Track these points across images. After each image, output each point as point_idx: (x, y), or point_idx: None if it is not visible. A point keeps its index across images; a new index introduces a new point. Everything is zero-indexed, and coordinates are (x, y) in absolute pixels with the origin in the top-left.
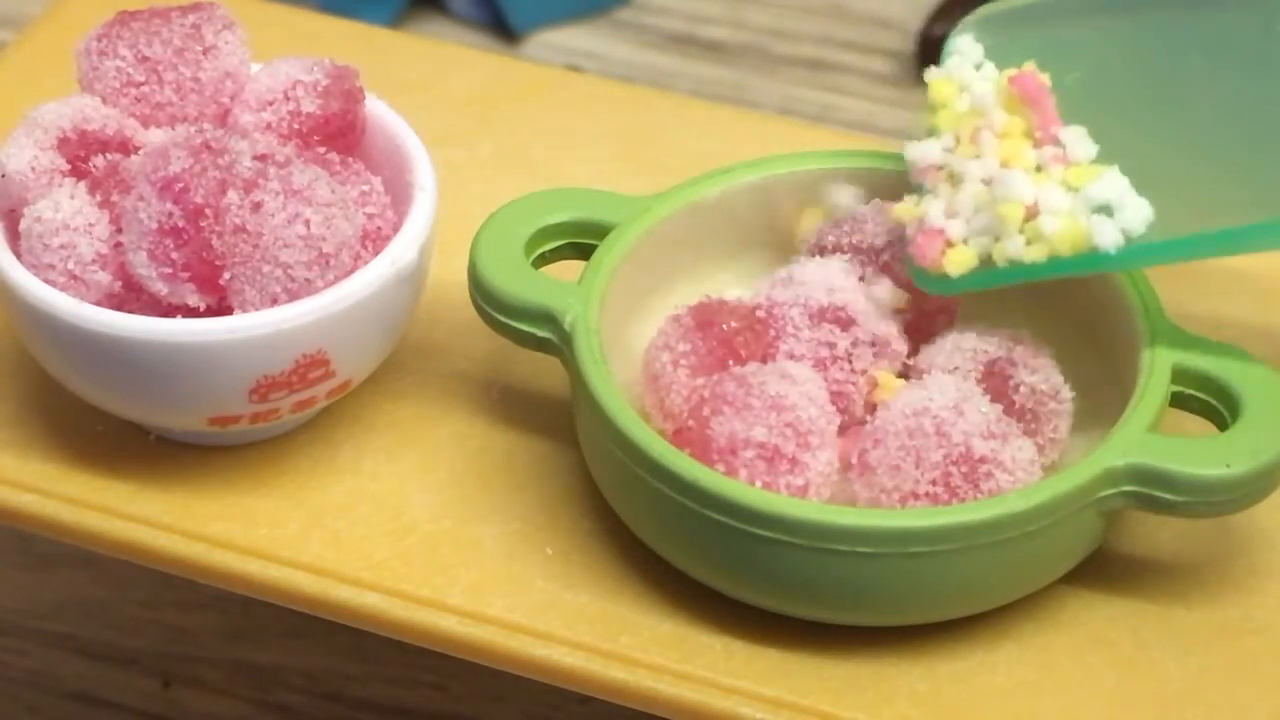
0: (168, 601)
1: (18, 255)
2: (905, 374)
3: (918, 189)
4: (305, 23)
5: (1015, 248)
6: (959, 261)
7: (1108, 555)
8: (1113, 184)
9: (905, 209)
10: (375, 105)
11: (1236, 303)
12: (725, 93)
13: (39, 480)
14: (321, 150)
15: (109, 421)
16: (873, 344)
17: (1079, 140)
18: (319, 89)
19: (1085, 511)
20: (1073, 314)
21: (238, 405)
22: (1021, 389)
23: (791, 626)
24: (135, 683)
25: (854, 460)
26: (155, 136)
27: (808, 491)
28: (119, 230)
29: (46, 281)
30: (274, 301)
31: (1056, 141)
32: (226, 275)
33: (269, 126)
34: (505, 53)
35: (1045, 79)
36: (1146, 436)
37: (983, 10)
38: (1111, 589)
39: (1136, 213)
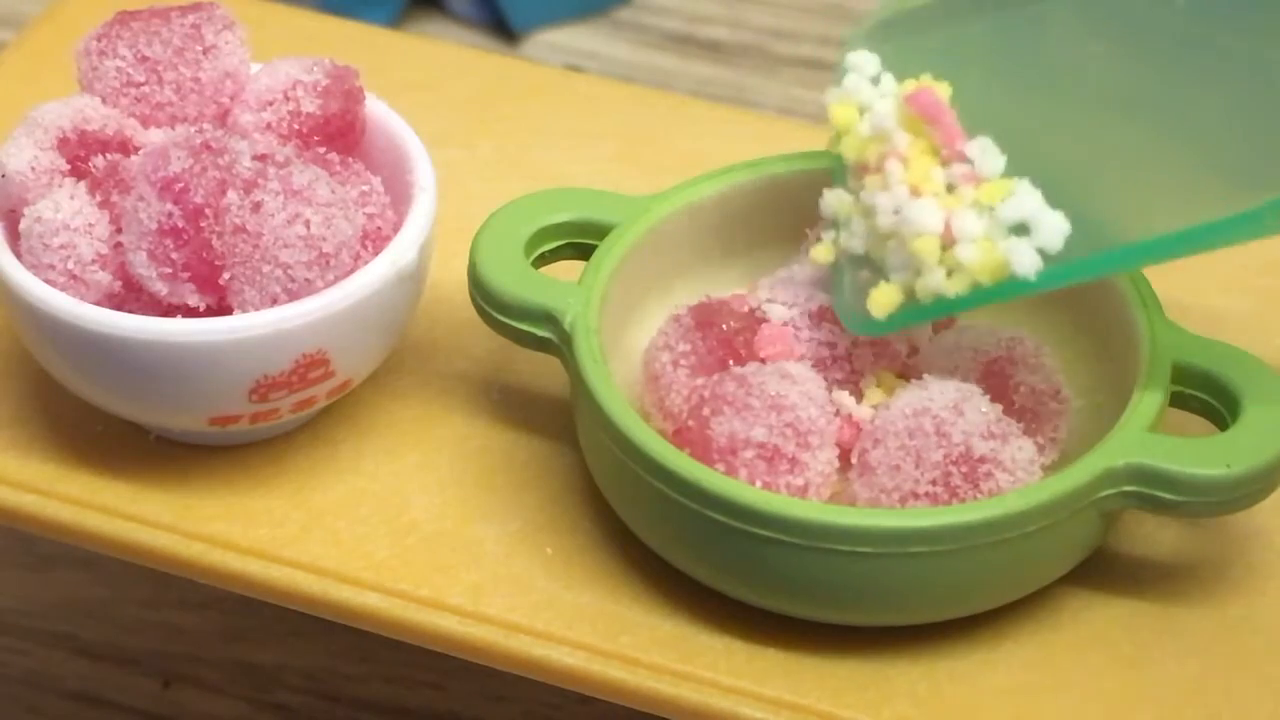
0: (168, 601)
1: (18, 255)
2: (905, 374)
3: (831, 226)
4: (305, 23)
5: (936, 281)
6: (883, 303)
7: (1108, 555)
8: (1024, 201)
9: (822, 250)
10: (375, 105)
11: (1236, 303)
12: (725, 93)
13: (39, 480)
14: (321, 150)
15: (109, 421)
16: (873, 344)
17: (986, 152)
18: (319, 89)
19: (1085, 511)
20: (1073, 314)
21: (238, 405)
22: (1021, 389)
23: (791, 626)
24: (135, 683)
25: (854, 460)
26: (155, 136)
27: (808, 491)
28: (119, 230)
29: (46, 281)
30: (274, 301)
31: (964, 157)
32: (226, 275)
33: (269, 126)
34: (505, 53)
35: (943, 91)
36: (1146, 436)
37: (873, 18)
38: (1111, 589)
39: (1052, 229)
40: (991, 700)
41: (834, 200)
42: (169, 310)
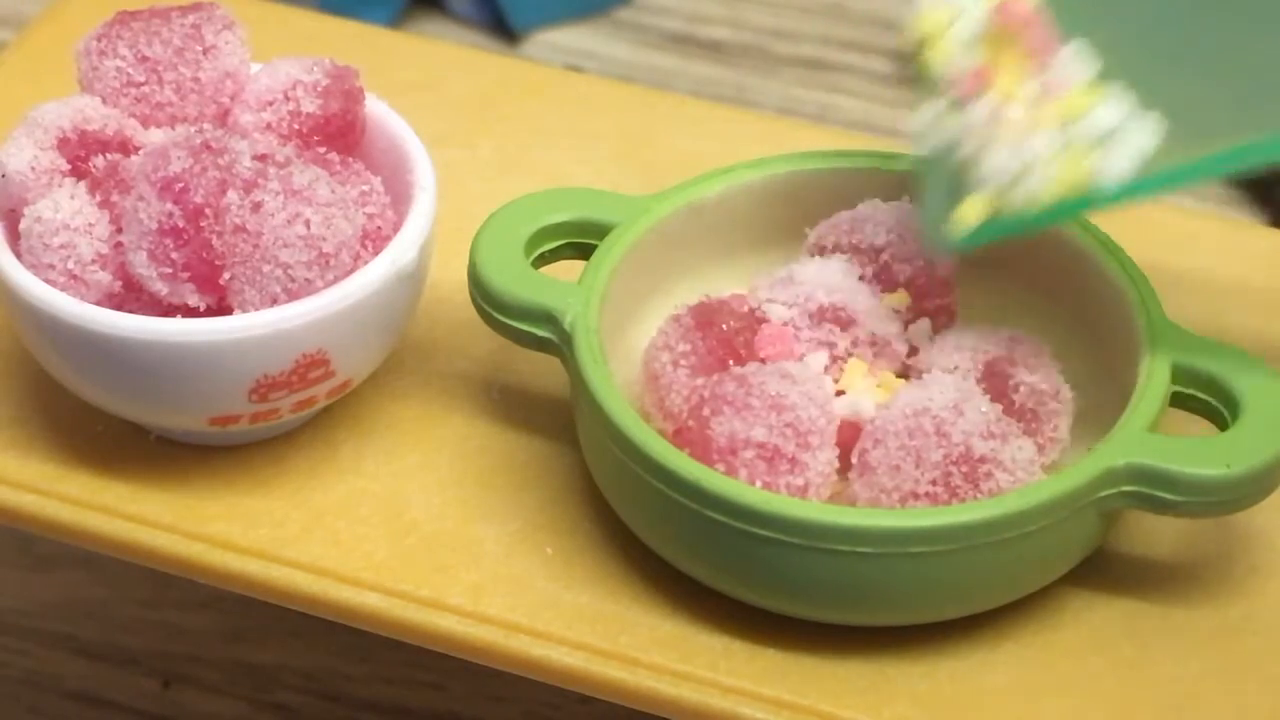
0: (168, 601)
1: (18, 255)
2: (905, 374)
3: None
4: (305, 23)
5: (1023, 192)
6: (970, 215)
7: (1108, 555)
8: (1113, 109)
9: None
10: (375, 105)
11: (1236, 303)
12: (725, 93)
13: (39, 480)
14: (321, 150)
15: (109, 421)
16: (873, 344)
17: (1077, 58)
18: (319, 89)
19: (1085, 511)
20: (1073, 314)
21: (238, 405)
22: (1021, 389)
23: (791, 626)
24: (135, 683)
25: (854, 460)
26: (155, 136)
27: (808, 491)
28: (119, 230)
29: (46, 281)
30: (274, 301)
31: (1054, 67)
32: (226, 275)
33: (269, 126)
34: (505, 53)
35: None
36: (1146, 436)
37: None
38: (1111, 589)
39: (1144, 132)
40: (991, 700)
41: (924, 114)
42: (169, 310)
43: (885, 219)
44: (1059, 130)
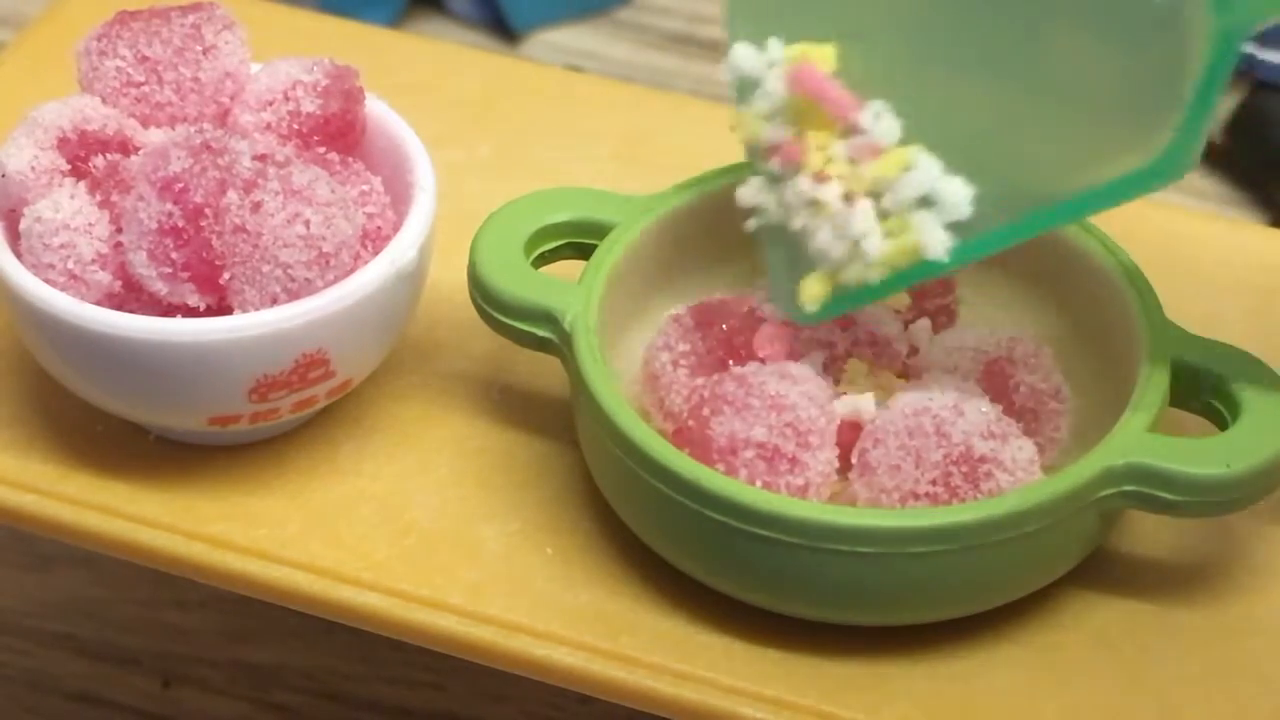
0: (168, 601)
1: (18, 255)
2: (905, 374)
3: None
4: (305, 23)
5: (856, 271)
6: (814, 294)
7: (1108, 555)
8: (925, 173)
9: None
10: (375, 105)
11: (1236, 303)
12: (725, 93)
13: (39, 480)
14: (321, 150)
15: (109, 421)
16: (873, 344)
17: (880, 119)
18: (319, 89)
19: (1085, 511)
20: (1073, 314)
21: (238, 405)
22: (1021, 389)
23: (791, 626)
24: (135, 683)
25: (854, 460)
26: (155, 136)
27: (808, 491)
28: (119, 230)
29: (46, 281)
30: (274, 301)
31: (859, 129)
32: (226, 275)
33: (269, 126)
34: (505, 53)
35: (826, 57)
36: (1146, 436)
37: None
38: (1111, 589)
39: (957, 199)
40: (991, 700)
41: (750, 189)
42: (169, 310)
43: None
44: (875, 200)
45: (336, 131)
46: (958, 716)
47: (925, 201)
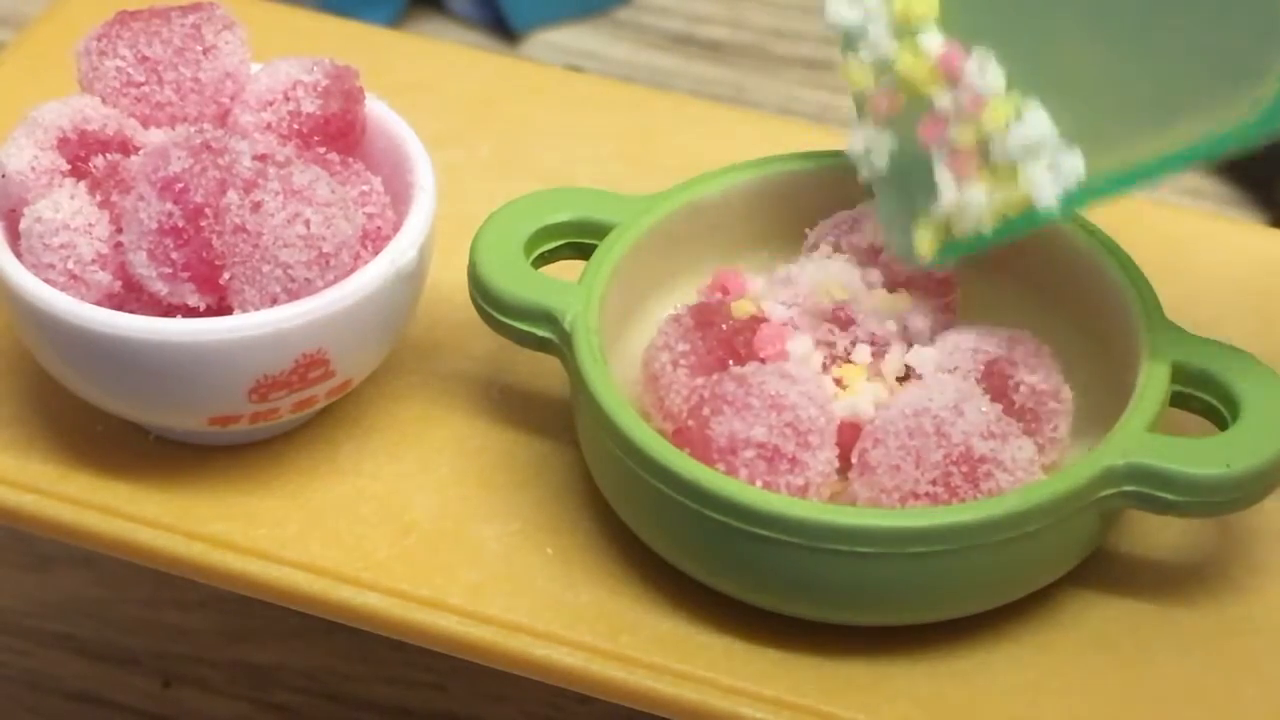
0: (168, 601)
1: (18, 255)
2: (905, 374)
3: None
4: (305, 23)
5: (967, 223)
6: (927, 243)
7: (1108, 555)
8: (1033, 125)
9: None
10: (375, 105)
11: (1236, 303)
12: (725, 93)
13: (39, 480)
14: (321, 150)
15: (109, 421)
16: (873, 344)
17: (984, 69)
18: (319, 89)
19: (1085, 511)
20: (1073, 314)
21: (238, 405)
22: (1021, 389)
23: (791, 626)
24: (135, 683)
25: (854, 460)
26: (155, 136)
27: (808, 491)
28: (119, 230)
29: (46, 281)
30: (274, 301)
31: (965, 79)
32: (226, 275)
33: (269, 126)
34: (505, 53)
35: (926, 7)
36: (1146, 436)
37: None
38: (1111, 589)
39: (1071, 162)
40: (991, 700)
41: (859, 139)
42: (169, 310)
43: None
44: (983, 149)
45: (336, 131)
46: (958, 716)
47: (1032, 151)
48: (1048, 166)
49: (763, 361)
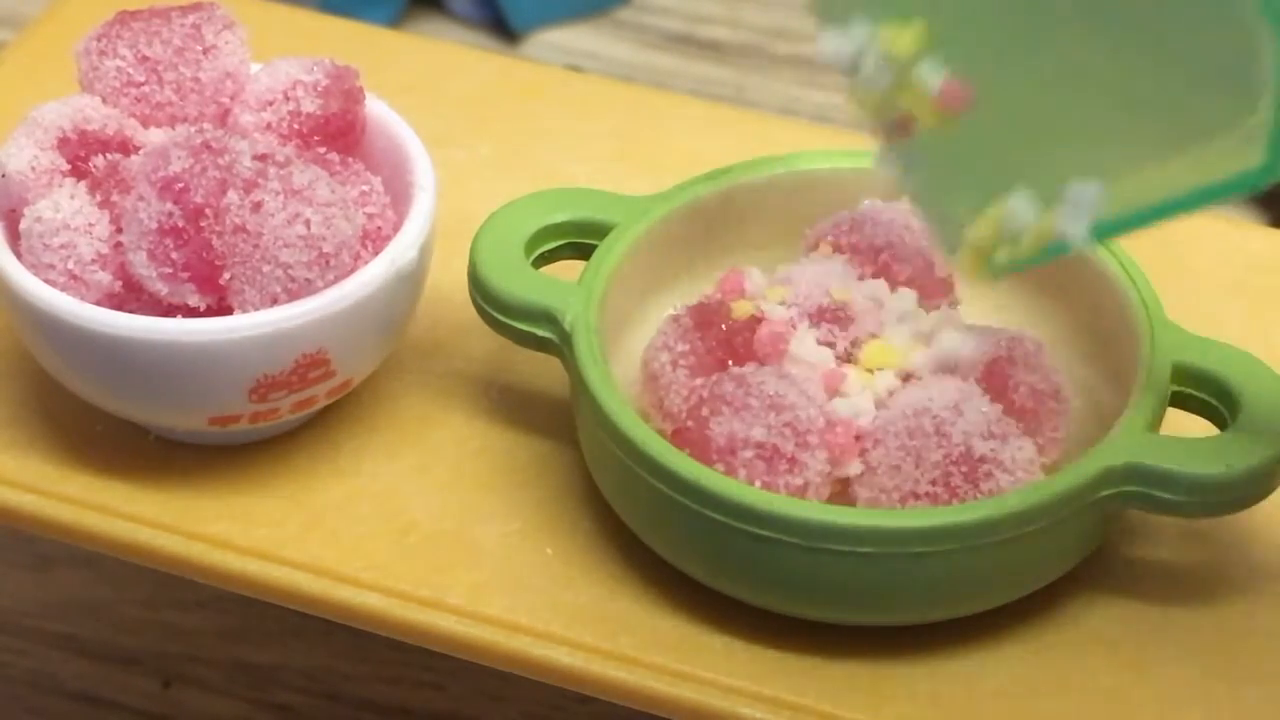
0: (168, 601)
1: (18, 255)
2: (905, 374)
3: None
4: (305, 23)
5: (1005, 253)
6: (971, 266)
7: (1108, 555)
8: (1021, 211)
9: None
10: (375, 105)
11: (1236, 303)
12: (725, 93)
13: (39, 480)
14: (321, 150)
15: (109, 421)
16: (873, 342)
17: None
18: (319, 89)
19: (1085, 511)
20: (1073, 314)
21: (238, 405)
22: (1021, 389)
23: (791, 626)
24: (135, 683)
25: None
26: (155, 136)
27: (807, 491)
28: (119, 230)
29: (46, 281)
30: (274, 301)
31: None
32: (226, 275)
33: (269, 126)
34: (505, 53)
35: (917, 31)
36: (1146, 436)
37: None
38: (1111, 589)
39: (1090, 198)
40: (991, 700)
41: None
42: (169, 310)
43: (885, 219)
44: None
45: (336, 131)
46: (958, 716)
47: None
48: (1078, 218)
49: (762, 362)
